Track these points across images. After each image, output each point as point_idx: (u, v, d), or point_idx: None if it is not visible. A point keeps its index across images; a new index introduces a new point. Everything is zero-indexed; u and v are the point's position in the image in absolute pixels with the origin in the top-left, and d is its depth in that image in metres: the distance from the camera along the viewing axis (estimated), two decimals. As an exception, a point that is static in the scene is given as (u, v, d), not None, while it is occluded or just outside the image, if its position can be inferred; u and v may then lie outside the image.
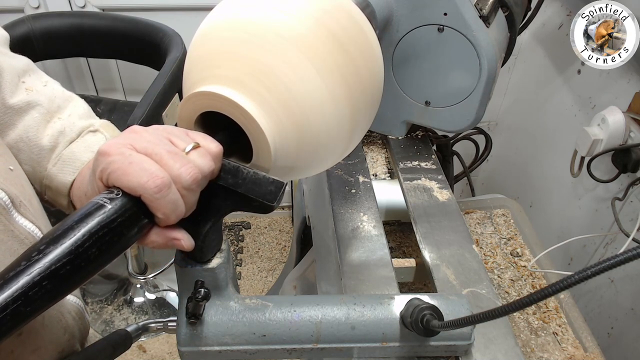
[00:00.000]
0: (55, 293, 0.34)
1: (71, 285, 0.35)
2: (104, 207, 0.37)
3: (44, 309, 0.34)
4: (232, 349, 0.51)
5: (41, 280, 0.33)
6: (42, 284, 0.33)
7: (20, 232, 0.44)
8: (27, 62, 0.57)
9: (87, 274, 0.36)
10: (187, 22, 1.56)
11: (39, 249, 0.34)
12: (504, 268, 0.85)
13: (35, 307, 0.33)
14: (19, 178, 0.48)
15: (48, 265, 0.33)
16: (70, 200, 0.53)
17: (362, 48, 0.50)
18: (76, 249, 0.34)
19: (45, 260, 0.33)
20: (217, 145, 0.42)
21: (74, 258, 0.34)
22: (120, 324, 1.74)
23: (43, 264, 0.33)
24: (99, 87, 1.78)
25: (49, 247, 0.34)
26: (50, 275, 0.33)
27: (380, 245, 0.71)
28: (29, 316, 0.33)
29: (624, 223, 0.93)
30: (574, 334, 0.74)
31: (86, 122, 0.56)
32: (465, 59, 0.73)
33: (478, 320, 0.40)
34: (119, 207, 0.37)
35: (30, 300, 0.32)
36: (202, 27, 0.50)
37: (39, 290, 0.32)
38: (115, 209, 0.37)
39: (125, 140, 0.40)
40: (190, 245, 0.43)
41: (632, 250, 0.29)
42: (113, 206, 0.37)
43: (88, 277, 0.36)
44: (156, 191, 0.37)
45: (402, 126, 0.88)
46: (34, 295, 0.32)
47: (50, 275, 0.33)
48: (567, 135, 1.26)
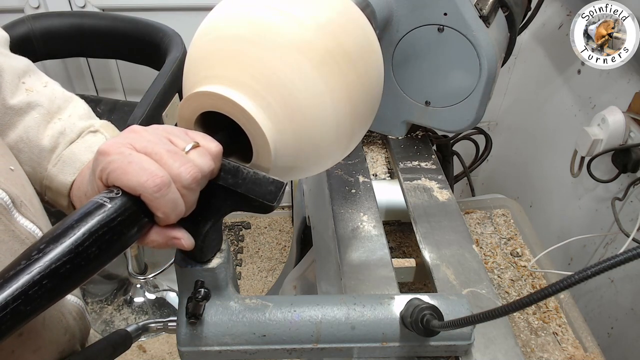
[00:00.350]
0: (56, 292, 0.34)
1: (71, 284, 0.35)
2: (104, 206, 0.37)
3: (44, 308, 0.34)
4: (232, 349, 0.51)
5: (41, 279, 0.33)
6: (42, 283, 0.33)
7: (21, 232, 0.44)
8: (28, 62, 0.57)
9: (87, 273, 0.36)
10: (187, 22, 1.56)
11: (39, 248, 0.34)
12: (504, 268, 0.85)
13: (36, 306, 0.33)
14: (19, 178, 0.48)
15: (48, 264, 0.33)
16: (71, 201, 0.53)
17: (362, 48, 0.50)
18: (76, 248, 0.34)
19: (45, 259, 0.33)
20: (217, 145, 0.42)
21: (74, 257, 0.34)
22: (120, 324, 1.74)
23: (43, 263, 0.33)
24: (99, 87, 1.78)
25: (49, 246, 0.34)
26: (50, 274, 0.33)
27: (380, 245, 0.71)
28: (29, 315, 0.33)
29: (624, 223, 0.93)
30: (574, 334, 0.74)
31: (86, 122, 0.56)
32: (465, 59, 0.73)
33: (478, 320, 0.40)
34: (118, 207, 0.37)
35: (30, 299, 0.32)
36: (202, 27, 0.50)
37: (39, 289, 0.32)
38: (115, 208, 0.37)
39: (124, 139, 0.40)
40: (190, 244, 0.43)
41: (632, 250, 0.29)
42: (113, 205, 0.37)
43: (88, 276, 0.36)
44: (156, 190, 0.37)
45: (402, 126, 0.88)
46: (34, 294, 0.32)
47: (50, 274, 0.33)
48: (567, 135, 1.26)
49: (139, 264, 1.75)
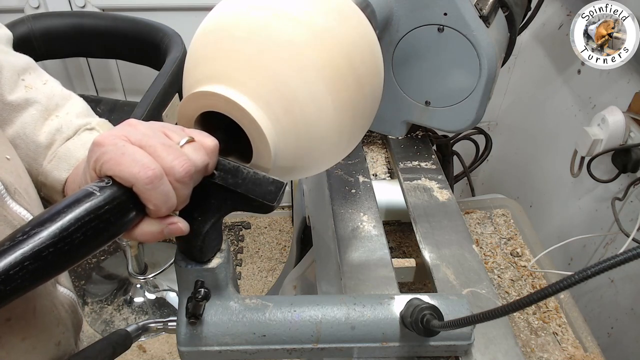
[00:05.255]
0: (38, 274, 0.34)
1: (55, 268, 0.35)
2: (93, 194, 0.37)
3: (26, 290, 0.34)
4: (232, 349, 0.51)
5: (23, 260, 0.33)
6: (24, 264, 0.33)
7: (14, 217, 0.44)
8: (29, 60, 0.57)
9: (72, 259, 0.36)
10: (187, 22, 1.56)
11: (24, 230, 0.34)
12: (504, 268, 0.85)
13: (16, 287, 0.33)
14: (15, 167, 0.48)
15: (32, 247, 0.33)
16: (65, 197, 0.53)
17: (362, 48, 0.50)
18: (60, 233, 0.35)
19: (29, 241, 0.34)
20: (213, 140, 0.42)
21: (57, 241, 0.34)
22: (120, 324, 1.74)
23: (26, 245, 0.33)
24: (99, 87, 1.78)
25: (35, 229, 0.34)
26: (33, 257, 0.33)
27: (380, 245, 0.71)
28: (9, 295, 0.33)
29: (624, 223, 0.93)
30: (574, 334, 0.74)
31: (83, 120, 0.56)
32: (465, 59, 0.74)
33: (478, 320, 0.40)
34: (108, 195, 0.37)
35: (10, 279, 0.32)
36: (202, 27, 0.50)
37: (19, 270, 0.33)
38: (104, 197, 0.37)
39: (120, 132, 0.40)
40: (187, 228, 0.43)
41: (632, 250, 0.29)
42: (102, 194, 0.37)
43: (73, 262, 0.36)
44: (147, 182, 0.37)
45: (402, 126, 0.88)
46: (15, 274, 0.33)
47: (33, 257, 0.33)
48: (567, 135, 1.26)
49: (139, 264, 1.75)
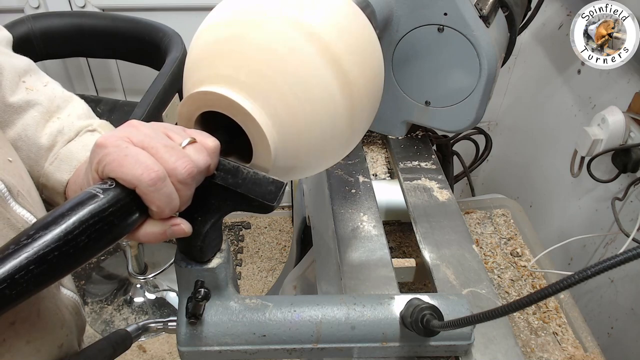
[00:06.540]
0: (43, 278, 0.34)
1: (60, 271, 0.35)
2: (97, 196, 0.37)
3: (31, 294, 0.34)
4: (232, 349, 0.51)
5: (28, 264, 0.33)
6: (29, 268, 0.33)
7: (17, 220, 0.44)
8: (29, 62, 0.57)
9: (76, 262, 0.36)
10: (187, 22, 1.56)
11: (29, 234, 0.34)
12: (504, 268, 0.85)
13: (21, 291, 0.33)
14: (18, 169, 0.48)
15: (36, 250, 0.33)
16: (66, 199, 0.53)
17: (362, 48, 0.50)
18: (65, 236, 0.34)
19: (33, 245, 0.33)
20: (214, 141, 0.42)
21: (62, 244, 0.34)
22: (120, 324, 1.74)
23: (31, 249, 0.33)
24: (99, 87, 1.78)
25: (39, 232, 0.34)
26: (38, 260, 0.33)
27: (380, 245, 0.71)
28: (15, 299, 0.33)
29: (624, 223, 0.93)
30: (574, 334, 0.74)
31: (85, 122, 0.56)
32: (465, 59, 0.74)
33: (478, 320, 0.40)
34: (111, 197, 0.37)
35: (15, 283, 0.32)
36: (203, 27, 0.50)
37: (25, 274, 0.33)
38: (107, 199, 0.37)
39: (122, 133, 0.40)
40: (190, 229, 0.43)
41: (632, 250, 0.29)
42: (105, 196, 0.37)
43: (78, 264, 0.36)
44: (150, 184, 0.37)
45: (402, 126, 0.88)
46: (20, 278, 0.33)
47: (38, 260, 0.33)
48: (567, 135, 1.26)
49: (139, 264, 1.75)
